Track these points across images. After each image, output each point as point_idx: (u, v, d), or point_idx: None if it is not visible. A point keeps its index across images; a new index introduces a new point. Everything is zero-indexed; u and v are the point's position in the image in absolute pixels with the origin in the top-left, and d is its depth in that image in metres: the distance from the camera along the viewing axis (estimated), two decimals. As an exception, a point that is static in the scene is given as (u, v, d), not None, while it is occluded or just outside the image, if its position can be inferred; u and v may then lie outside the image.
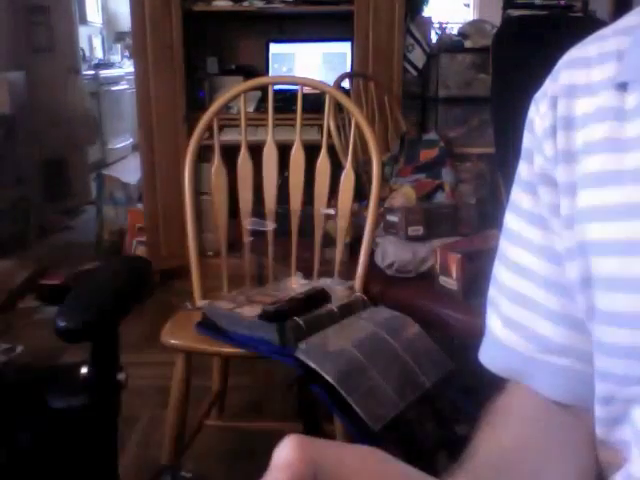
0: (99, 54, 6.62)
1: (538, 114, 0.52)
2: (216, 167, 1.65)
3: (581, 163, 0.48)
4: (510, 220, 0.55)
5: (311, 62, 3.23)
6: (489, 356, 0.57)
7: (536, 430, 0.53)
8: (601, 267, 0.46)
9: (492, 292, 0.57)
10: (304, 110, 1.67)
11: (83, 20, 5.86)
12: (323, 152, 1.65)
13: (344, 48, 3.18)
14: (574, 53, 0.52)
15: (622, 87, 0.46)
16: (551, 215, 0.51)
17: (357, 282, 1.59)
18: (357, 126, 1.63)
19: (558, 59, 0.53)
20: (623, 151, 0.45)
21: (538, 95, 0.53)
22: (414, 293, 1.63)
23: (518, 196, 0.55)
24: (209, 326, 1.41)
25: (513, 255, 0.55)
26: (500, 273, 0.56)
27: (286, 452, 0.30)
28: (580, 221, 0.48)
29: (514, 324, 0.54)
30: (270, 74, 3.18)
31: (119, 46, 7.06)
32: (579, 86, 0.49)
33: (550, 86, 0.52)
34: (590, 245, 0.47)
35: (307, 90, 1.73)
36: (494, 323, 0.56)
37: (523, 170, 0.54)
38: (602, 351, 0.46)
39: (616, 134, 0.46)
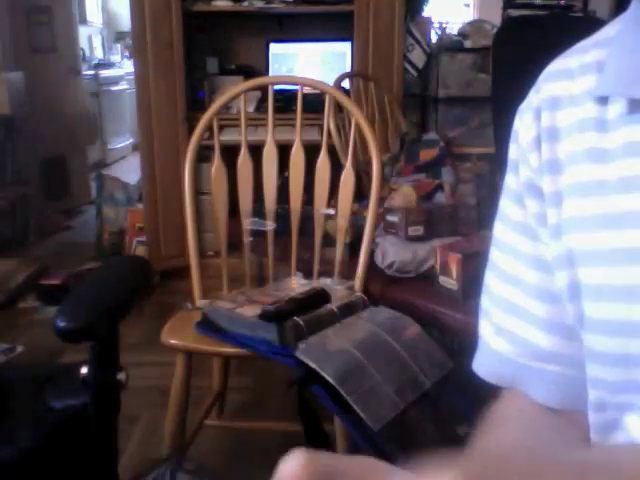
0: (99, 54, 6.61)
1: (523, 125, 0.53)
2: (216, 167, 1.65)
3: (565, 173, 0.48)
4: (499, 230, 0.56)
5: (311, 62, 3.23)
6: (483, 365, 0.58)
7: (532, 435, 0.53)
8: (588, 276, 0.47)
9: (484, 301, 0.58)
10: (304, 110, 1.67)
11: (83, 20, 5.86)
12: (323, 152, 1.65)
13: (344, 48, 3.18)
14: (556, 65, 0.52)
15: (602, 100, 0.47)
16: (538, 225, 0.51)
17: (357, 282, 1.59)
18: (357, 126, 1.63)
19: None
20: (606, 161, 0.46)
21: (523, 106, 0.54)
22: (414, 293, 1.63)
23: (506, 206, 0.55)
24: (209, 326, 1.41)
25: (503, 264, 0.55)
26: (491, 282, 0.57)
27: (291, 464, 0.30)
28: (566, 231, 0.48)
29: (506, 332, 0.54)
30: (270, 74, 3.18)
31: (119, 46, 7.06)
32: (561, 98, 0.50)
33: (534, 97, 0.52)
34: (577, 254, 0.47)
35: (307, 90, 1.73)
36: (487, 332, 0.57)
37: (510, 181, 0.55)
38: (593, 359, 0.47)
39: (598, 145, 0.46)
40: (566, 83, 0.50)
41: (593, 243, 0.46)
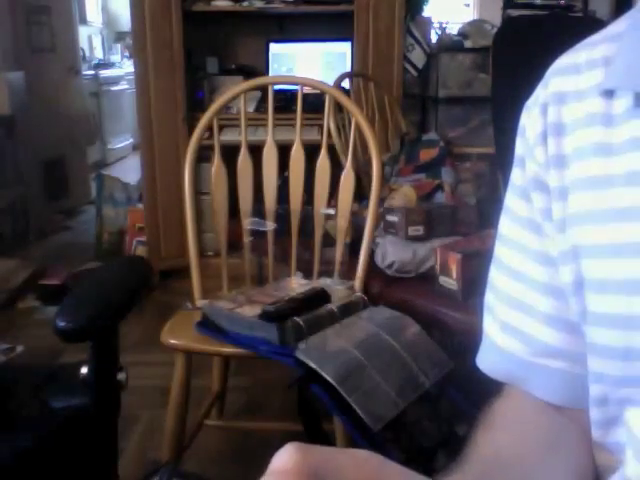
0: (99, 54, 6.62)
1: (529, 120, 0.53)
2: (216, 167, 1.65)
3: (571, 168, 0.49)
4: (505, 225, 0.56)
5: (311, 62, 3.23)
6: (486, 361, 0.58)
7: (533, 432, 0.53)
8: (592, 270, 0.47)
9: (488, 297, 0.58)
10: (304, 110, 1.67)
11: (83, 20, 5.86)
12: (323, 152, 1.65)
13: (344, 48, 3.18)
14: (564, 60, 0.52)
15: (609, 94, 0.47)
16: (544, 220, 0.51)
17: (357, 282, 1.59)
18: (357, 126, 1.63)
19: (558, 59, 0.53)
20: (612, 156, 0.46)
21: (530, 102, 0.54)
22: (414, 293, 1.63)
23: (512, 202, 0.55)
24: (209, 326, 1.41)
25: (508, 259, 0.55)
26: (496, 278, 0.57)
27: (284, 458, 0.29)
28: (572, 225, 0.48)
29: (510, 328, 0.54)
30: (270, 74, 3.18)
31: (119, 46, 7.07)
32: (568, 93, 0.50)
33: (541, 93, 0.53)
34: (582, 248, 0.47)
35: (307, 90, 1.73)
36: (491, 328, 0.57)
37: (516, 176, 0.55)
38: (595, 353, 0.47)
39: (605, 139, 0.47)
40: (573, 78, 0.50)
41: (598, 237, 0.46)
